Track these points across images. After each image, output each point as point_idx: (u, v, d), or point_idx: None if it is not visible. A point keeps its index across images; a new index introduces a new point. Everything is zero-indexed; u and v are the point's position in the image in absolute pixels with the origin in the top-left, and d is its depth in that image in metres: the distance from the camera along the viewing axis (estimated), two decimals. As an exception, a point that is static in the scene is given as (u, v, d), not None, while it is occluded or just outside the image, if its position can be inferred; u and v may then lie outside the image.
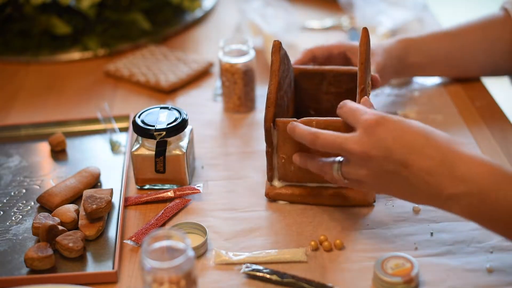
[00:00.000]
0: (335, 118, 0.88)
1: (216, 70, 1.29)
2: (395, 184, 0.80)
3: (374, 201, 0.93)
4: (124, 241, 0.90)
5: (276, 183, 0.95)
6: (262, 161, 0.96)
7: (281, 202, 0.96)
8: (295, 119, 0.90)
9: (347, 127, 0.85)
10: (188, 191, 0.97)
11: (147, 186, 1.00)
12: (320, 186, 0.94)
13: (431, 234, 0.89)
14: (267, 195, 0.96)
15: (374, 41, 1.05)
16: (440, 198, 0.78)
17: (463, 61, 1.14)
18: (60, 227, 0.90)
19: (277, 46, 0.92)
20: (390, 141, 0.78)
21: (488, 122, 1.10)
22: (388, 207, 0.94)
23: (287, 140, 0.91)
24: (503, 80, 1.21)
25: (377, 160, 0.79)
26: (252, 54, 1.15)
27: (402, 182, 0.79)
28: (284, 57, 0.94)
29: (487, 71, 1.17)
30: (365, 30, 0.91)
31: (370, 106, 0.86)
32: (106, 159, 1.08)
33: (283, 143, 0.92)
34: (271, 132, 0.91)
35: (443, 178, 0.77)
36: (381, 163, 0.79)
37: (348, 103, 0.84)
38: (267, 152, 0.94)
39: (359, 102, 0.89)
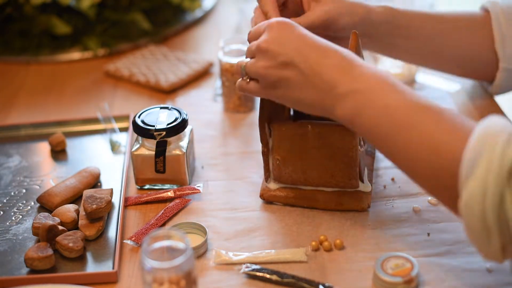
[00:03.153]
0: (331, 122, 0.88)
1: (216, 70, 1.29)
2: (289, 78, 0.81)
3: (369, 207, 0.93)
4: (124, 241, 0.90)
5: (272, 184, 0.95)
6: (262, 161, 0.96)
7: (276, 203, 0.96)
8: (290, 121, 0.90)
9: (342, 132, 0.87)
10: (188, 191, 0.97)
11: (147, 186, 1.00)
12: (315, 189, 0.94)
13: (428, 234, 0.89)
14: (261, 196, 0.96)
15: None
16: (330, 95, 0.79)
17: (441, 49, 1.05)
18: (60, 227, 0.90)
19: None
20: (292, 37, 0.81)
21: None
22: (388, 207, 0.94)
23: (282, 142, 0.91)
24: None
25: (275, 52, 0.81)
26: (252, 54, 1.15)
27: (296, 75, 0.81)
28: None
29: (461, 68, 1.09)
30: (355, 34, 0.89)
31: None
32: (106, 159, 1.08)
33: (278, 145, 0.92)
34: (266, 132, 0.92)
35: (339, 75, 0.79)
36: (279, 54, 0.81)
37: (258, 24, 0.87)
38: (263, 152, 0.94)
39: None
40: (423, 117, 0.76)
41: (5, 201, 1.00)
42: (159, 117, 0.98)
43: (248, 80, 0.87)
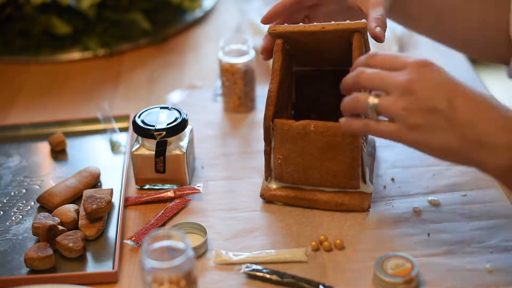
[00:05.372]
0: (334, 122, 0.88)
1: (216, 70, 1.29)
2: (434, 124, 0.76)
3: (369, 207, 0.93)
4: (124, 241, 0.90)
5: (272, 183, 0.95)
6: (262, 161, 0.96)
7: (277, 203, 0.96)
8: (293, 120, 0.90)
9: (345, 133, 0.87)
10: (188, 191, 0.97)
11: (147, 186, 1.00)
12: (315, 189, 0.94)
13: (428, 234, 0.89)
14: (262, 196, 0.96)
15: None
16: (481, 146, 0.75)
17: (454, 25, 1.02)
18: (60, 227, 0.90)
19: (280, 45, 0.92)
20: (439, 80, 0.76)
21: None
22: (388, 208, 0.94)
23: (284, 140, 0.91)
24: (502, 77, 1.21)
25: (422, 95, 0.75)
26: (252, 54, 1.15)
27: (443, 121, 0.75)
28: (286, 56, 0.94)
29: (475, 49, 1.08)
30: (358, 35, 0.88)
31: None
32: (106, 159, 1.08)
33: (280, 144, 0.91)
34: (270, 131, 0.92)
35: (493, 127, 0.74)
36: (425, 98, 0.75)
37: (380, 52, 0.81)
38: (265, 151, 0.94)
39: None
40: None
41: (5, 201, 1.00)
42: (159, 117, 0.98)
43: (377, 118, 0.79)
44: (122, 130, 1.13)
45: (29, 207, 0.98)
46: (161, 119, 0.98)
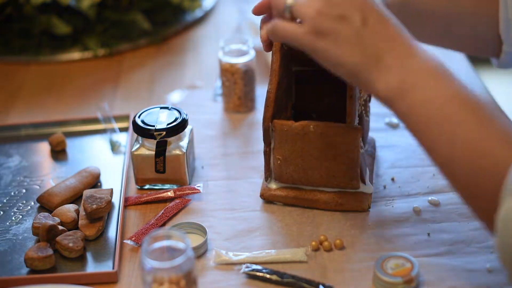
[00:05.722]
0: (333, 123, 0.88)
1: (216, 70, 1.29)
2: (340, 32, 0.75)
3: (369, 208, 0.93)
4: (124, 241, 0.90)
5: (272, 184, 0.95)
6: (262, 161, 0.96)
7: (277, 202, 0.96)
8: (292, 121, 0.90)
9: (345, 133, 0.86)
10: (188, 191, 0.98)
11: (147, 186, 1.00)
12: (315, 189, 0.94)
13: (428, 234, 0.89)
14: (262, 196, 0.96)
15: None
16: (375, 62, 0.75)
17: (449, 31, 1.02)
18: (60, 227, 0.90)
19: (278, 45, 0.92)
20: None
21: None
22: (388, 208, 0.94)
23: (284, 141, 0.91)
24: (502, 77, 1.21)
25: (339, 1, 0.75)
26: (252, 54, 1.15)
27: (350, 32, 0.75)
28: (285, 57, 0.94)
29: (469, 48, 1.09)
30: None
31: None
32: (106, 159, 1.08)
33: (280, 144, 0.91)
34: (270, 132, 0.92)
35: (396, 46, 0.75)
36: (341, 4, 0.75)
37: None
38: (265, 152, 0.94)
39: (348, 110, 0.88)
40: (474, 114, 0.72)
41: (5, 201, 1.00)
42: (159, 117, 0.98)
43: (289, 19, 0.77)
44: (122, 130, 1.13)
45: (29, 207, 0.98)
46: (161, 119, 0.98)
